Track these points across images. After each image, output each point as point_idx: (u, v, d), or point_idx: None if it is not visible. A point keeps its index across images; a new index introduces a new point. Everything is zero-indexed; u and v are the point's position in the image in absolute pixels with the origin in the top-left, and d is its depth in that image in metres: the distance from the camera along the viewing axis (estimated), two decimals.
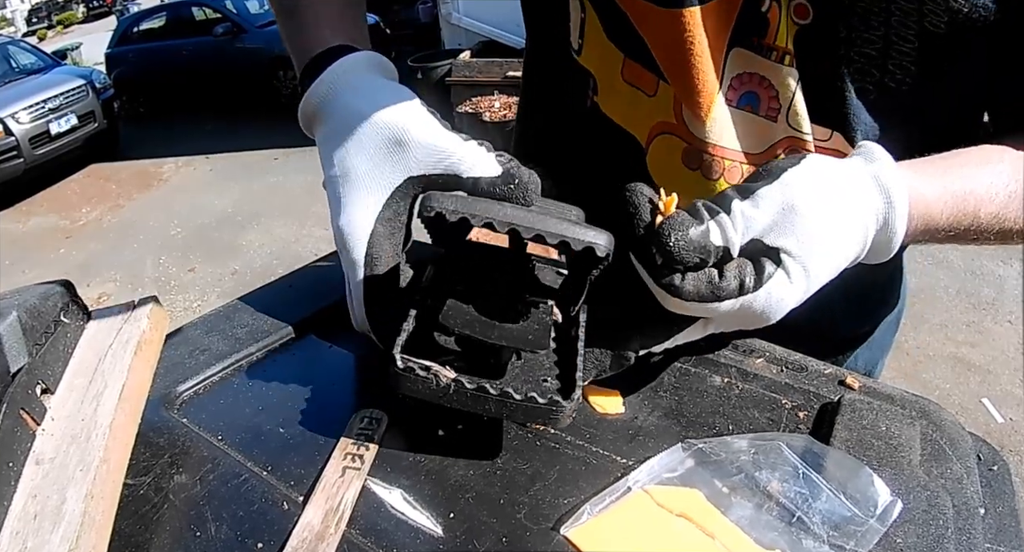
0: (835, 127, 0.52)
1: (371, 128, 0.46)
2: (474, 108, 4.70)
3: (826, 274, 0.41)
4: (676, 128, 0.57)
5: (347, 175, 0.47)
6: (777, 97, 0.52)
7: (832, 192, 0.41)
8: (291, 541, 0.36)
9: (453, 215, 0.39)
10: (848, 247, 0.41)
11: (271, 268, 3.86)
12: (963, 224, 0.46)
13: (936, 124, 0.52)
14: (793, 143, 0.53)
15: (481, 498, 0.39)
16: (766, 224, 0.39)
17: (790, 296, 0.40)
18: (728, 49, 0.52)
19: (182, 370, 0.51)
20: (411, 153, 0.46)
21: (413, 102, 0.48)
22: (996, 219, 0.47)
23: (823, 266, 0.40)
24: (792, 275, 0.40)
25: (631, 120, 0.59)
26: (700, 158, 0.56)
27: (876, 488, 0.38)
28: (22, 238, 5.23)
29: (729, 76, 0.53)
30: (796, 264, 0.40)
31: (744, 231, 0.39)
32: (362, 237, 0.46)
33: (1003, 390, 2.25)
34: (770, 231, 0.40)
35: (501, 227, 0.39)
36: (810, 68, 0.51)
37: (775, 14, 0.50)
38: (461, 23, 5.92)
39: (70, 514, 0.35)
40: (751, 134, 0.54)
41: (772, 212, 0.39)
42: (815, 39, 0.49)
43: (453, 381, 0.39)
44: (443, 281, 0.45)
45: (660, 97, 0.57)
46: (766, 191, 0.40)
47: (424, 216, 0.40)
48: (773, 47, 0.51)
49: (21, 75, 6.76)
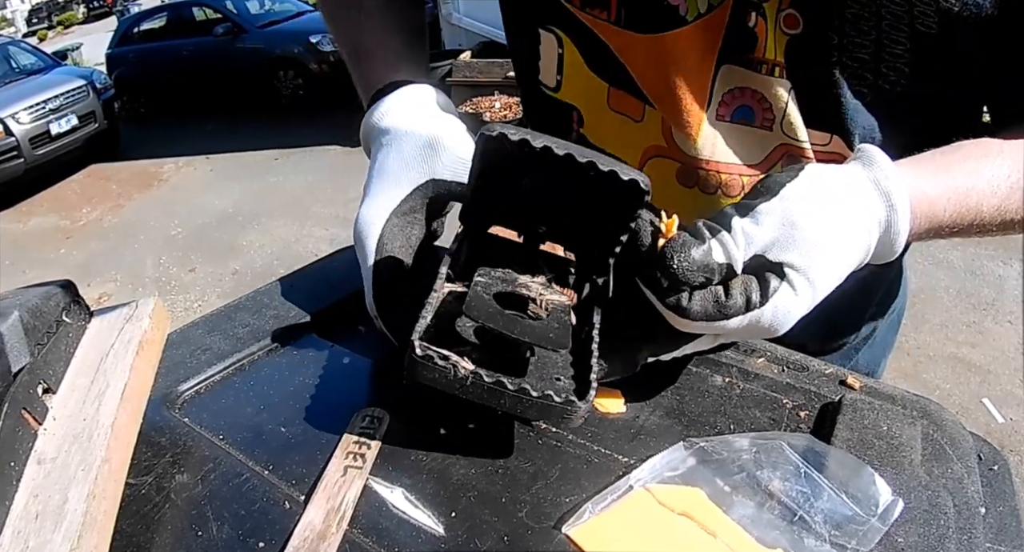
0: (833, 131, 0.53)
1: (411, 135, 0.51)
2: (475, 108, 4.70)
3: (831, 283, 0.41)
4: (667, 150, 0.57)
5: (379, 172, 0.51)
6: (771, 108, 0.52)
7: (832, 201, 0.41)
8: (293, 540, 0.36)
9: (515, 135, 0.39)
10: (851, 254, 0.42)
11: (272, 268, 3.86)
12: (966, 219, 0.46)
13: (934, 121, 0.52)
14: (790, 150, 0.54)
15: (483, 497, 0.39)
16: (768, 240, 0.40)
17: (797, 308, 0.40)
18: (717, 66, 0.52)
19: (183, 370, 0.51)
20: (439, 158, 0.49)
21: (454, 119, 0.53)
22: (998, 212, 0.47)
23: (827, 276, 0.41)
24: (797, 288, 0.40)
25: (622, 146, 0.60)
26: (695, 175, 0.57)
27: (878, 487, 0.38)
28: (22, 238, 5.23)
29: (720, 92, 0.53)
30: (800, 277, 0.40)
31: (746, 248, 0.40)
32: (376, 226, 0.48)
33: (1003, 390, 2.25)
34: (772, 246, 0.40)
35: (560, 149, 0.39)
36: (803, 76, 0.51)
37: (762, 28, 0.50)
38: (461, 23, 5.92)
39: (72, 513, 0.35)
40: (747, 146, 0.55)
41: (773, 228, 0.40)
42: (807, 48, 0.49)
43: (472, 373, 0.38)
44: (461, 273, 0.45)
45: (647, 122, 0.57)
46: (766, 207, 0.40)
47: (486, 136, 0.40)
48: (763, 60, 0.51)
49: (21, 75, 6.77)
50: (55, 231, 5.27)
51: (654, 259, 0.39)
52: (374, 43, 0.63)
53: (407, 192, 0.49)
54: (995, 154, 0.48)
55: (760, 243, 0.40)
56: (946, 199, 0.45)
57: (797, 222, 0.40)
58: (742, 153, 0.55)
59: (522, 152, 0.39)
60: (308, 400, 0.47)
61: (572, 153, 0.38)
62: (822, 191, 0.41)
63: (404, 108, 0.54)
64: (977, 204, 0.46)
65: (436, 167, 0.49)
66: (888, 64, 0.49)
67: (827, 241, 0.40)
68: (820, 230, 0.40)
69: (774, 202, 0.40)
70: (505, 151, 0.39)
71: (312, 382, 0.50)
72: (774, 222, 0.40)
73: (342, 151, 5.45)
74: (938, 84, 0.50)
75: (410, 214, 0.49)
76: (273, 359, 0.53)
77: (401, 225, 0.48)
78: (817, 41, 0.49)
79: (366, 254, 0.48)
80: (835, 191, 0.41)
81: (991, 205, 0.46)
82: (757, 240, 0.40)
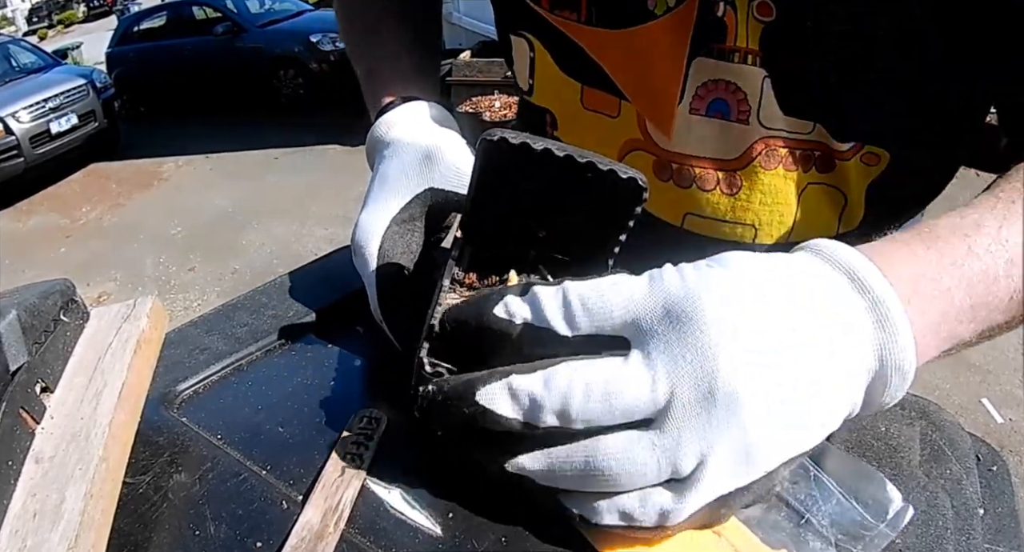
0: (816, 119, 0.52)
1: (411, 147, 0.52)
2: (474, 108, 4.70)
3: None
4: (643, 144, 0.57)
5: (380, 181, 0.51)
6: (746, 99, 0.52)
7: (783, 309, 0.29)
8: (290, 540, 0.36)
9: (515, 139, 0.39)
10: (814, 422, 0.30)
11: (271, 267, 3.86)
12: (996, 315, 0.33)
13: (922, 105, 0.50)
14: (770, 143, 0.53)
15: (481, 497, 0.39)
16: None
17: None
18: (690, 60, 0.52)
19: (182, 369, 0.51)
20: (437, 168, 0.50)
21: (454, 133, 0.54)
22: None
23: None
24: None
25: (600, 144, 0.60)
26: (669, 169, 0.57)
27: (888, 494, 0.38)
28: (22, 237, 5.24)
29: (694, 86, 0.53)
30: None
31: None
32: (376, 233, 0.48)
33: (1003, 390, 2.25)
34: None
35: (559, 151, 0.39)
36: (781, 64, 0.50)
37: (732, 17, 0.49)
38: (461, 23, 5.92)
39: (69, 513, 0.35)
40: (724, 140, 0.54)
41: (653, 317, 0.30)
42: (782, 35, 0.48)
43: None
44: (463, 279, 0.45)
45: (623, 117, 0.58)
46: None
47: (487, 141, 0.40)
48: (735, 49, 0.50)
49: (21, 74, 6.77)
50: (55, 230, 5.27)
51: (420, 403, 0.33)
52: (386, 64, 0.65)
53: (407, 200, 0.49)
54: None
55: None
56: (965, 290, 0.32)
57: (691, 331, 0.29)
58: (718, 148, 0.54)
59: (522, 156, 0.39)
60: (306, 400, 0.47)
61: (571, 154, 0.39)
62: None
63: (406, 122, 0.55)
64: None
65: (434, 176, 0.50)
66: (868, 47, 0.47)
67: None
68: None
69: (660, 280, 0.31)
70: (506, 155, 0.40)
71: (311, 382, 0.49)
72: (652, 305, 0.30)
73: (342, 150, 5.46)
74: (925, 66, 0.47)
75: (410, 222, 0.49)
76: (272, 359, 0.53)
77: (401, 232, 0.49)
78: (792, 27, 0.48)
79: (366, 261, 0.48)
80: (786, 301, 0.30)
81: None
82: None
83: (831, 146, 0.52)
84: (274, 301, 0.59)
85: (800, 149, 0.53)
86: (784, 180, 0.54)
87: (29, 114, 5.93)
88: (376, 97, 0.61)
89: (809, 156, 0.53)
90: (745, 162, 0.54)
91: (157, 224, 4.91)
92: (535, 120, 0.65)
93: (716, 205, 0.56)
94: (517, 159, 0.39)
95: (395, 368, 0.46)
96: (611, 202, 0.41)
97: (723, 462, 0.28)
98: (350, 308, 0.56)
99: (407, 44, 0.66)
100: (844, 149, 0.52)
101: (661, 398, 0.28)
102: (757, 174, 0.54)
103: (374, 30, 0.68)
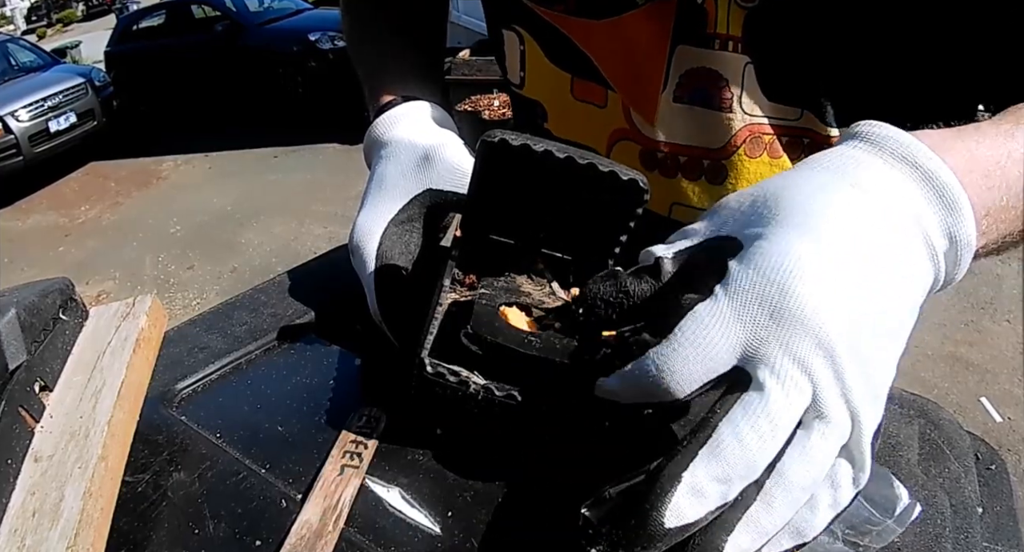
0: (802, 105, 0.51)
1: (409, 146, 0.52)
2: (473, 106, 4.69)
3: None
4: (629, 133, 0.58)
5: (377, 183, 0.51)
6: (728, 86, 0.52)
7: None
8: (289, 539, 0.36)
9: (516, 140, 0.39)
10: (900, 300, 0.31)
11: (270, 266, 3.86)
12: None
13: (915, 87, 0.49)
14: (754, 131, 0.53)
15: (479, 496, 0.39)
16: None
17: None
18: (672, 48, 0.52)
19: (181, 368, 0.51)
20: (435, 169, 0.50)
21: (451, 133, 0.54)
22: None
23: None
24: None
25: (589, 134, 0.60)
26: (655, 157, 0.57)
27: (895, 490, 0.38)
28: (21, 236, 5.23)
29: (677, 74, 0.53)
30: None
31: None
32: (375, 234, 0.48)
33: (1001, 389, 2.25)
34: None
35: (560, 152, 0.39)
36: (766, 50, 0.50)
37: (711, 4, 0.49)
38: (460, 22, 5.91)
39: (68, 511, 0.35)
40: (708, 129, 0.54)
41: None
42: (766, 19, 0.48)
43: (483, 387, 0.38)
44: (464, 280, 0.45)
45: (610, 106, 0.58)
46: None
47: (487, 142, 0.39)
48: (715, 35, 0.50)
49: (20, 73, 6.76)
50: (54, 229, 5.27)
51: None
52: (388, 63, 0.65)
53: (405, 202, 0.49)
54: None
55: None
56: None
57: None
58: (702, 136, 0.54)
59: (523, 157, 0.39)
60: (306, 399, 0.47)
61: (572, 156, 0.39)
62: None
63: (403, 122, 0.55)
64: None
65: (432, 177, 0.49)
66: (853, 32, 0.46)
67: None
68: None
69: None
70: (506, 156, 0.40)
71: (310, 381, 0.49)
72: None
73: (341, 149, 5.45)
74: (913, 51, 0.47)
75: (408, 223, 0.49)
76: (271, 357, 0.53)
77: (399, 233, 0.48)
78: (775, 12, 0.48)
79: (365, 262, 0.48)
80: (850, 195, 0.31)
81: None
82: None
83: (820, 132, 0.52)
84: (273, 300, 0.59)
85: (787, 136, 0.53)
86: (770, 168, 0.54)
87: (28, 113, 5.93)
88: (376, 96, 0.60)
89: (797, 142, 0.53)
90: (730, 151, 0.54)
91: (156, 223, 4.91)
92: (527, 113, 0.65)
93: (702, 194, 0.56)
94: (518, 160, 0.39)
95: (394, 367, 0.46)
96: (612, 203, 0.41)
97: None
98: (349, 307, 0.56)
99: (410, 44, 0.66)
100: (834, 134, 0.52)
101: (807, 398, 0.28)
102: (743, 162, 0.54)
103: (377, 29, 0.68)
